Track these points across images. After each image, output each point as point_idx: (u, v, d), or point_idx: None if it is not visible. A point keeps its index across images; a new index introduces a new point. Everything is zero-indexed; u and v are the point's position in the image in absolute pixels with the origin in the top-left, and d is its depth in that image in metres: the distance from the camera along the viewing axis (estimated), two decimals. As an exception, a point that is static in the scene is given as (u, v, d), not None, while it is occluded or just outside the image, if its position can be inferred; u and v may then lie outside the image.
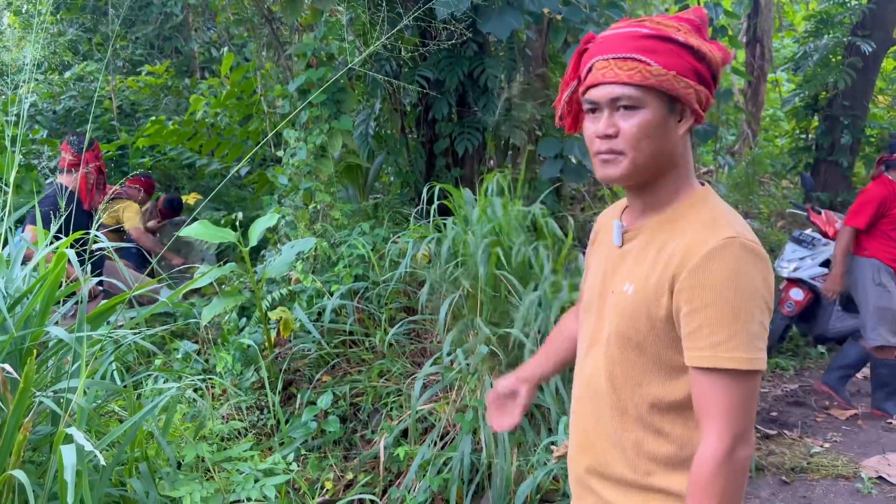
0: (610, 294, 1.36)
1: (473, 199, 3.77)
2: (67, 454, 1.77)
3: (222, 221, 5.69)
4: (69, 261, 2.26)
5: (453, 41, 4.00)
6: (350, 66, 3.31)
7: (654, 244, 1.29)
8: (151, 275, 4.81)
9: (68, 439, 1.88)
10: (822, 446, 3.81)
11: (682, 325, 1.22)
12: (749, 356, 1.18)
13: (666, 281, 1.23)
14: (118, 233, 5.31)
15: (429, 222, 4.00)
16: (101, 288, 4.13)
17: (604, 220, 1.53)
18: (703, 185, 1.35)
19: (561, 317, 1.86)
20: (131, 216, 5.35)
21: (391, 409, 3.42)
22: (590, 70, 1.29)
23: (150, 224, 5.94)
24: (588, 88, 1.29)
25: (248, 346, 3.59)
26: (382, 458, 3.09)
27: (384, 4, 3.59)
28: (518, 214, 3.48)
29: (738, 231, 1.21)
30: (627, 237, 1.36)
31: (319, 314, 3.81)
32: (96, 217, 2.83)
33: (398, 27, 3.05)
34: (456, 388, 3.18)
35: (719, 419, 1.19)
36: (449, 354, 3.18)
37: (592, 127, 1.29)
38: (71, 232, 2.57)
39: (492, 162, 6.30)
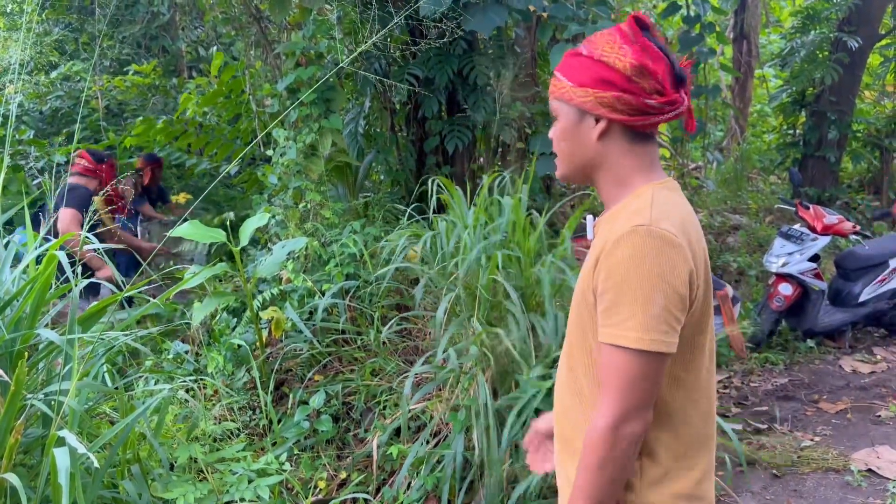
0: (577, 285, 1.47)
1: (463, 197, 3.77)
2: (61, 457, 1.76)
3: (215, 220, 5.67)
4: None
5: (444, 39, 4.00)
6: (340, 65, 3.31)
7: (602, 237, 1.37)
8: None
9: (60, 442, 1.87)
10: (812, 440, 3.84)
11: (598, 305, 1.32)
12: (644, 336, 1.24)
13: (593, 267, 1.33)
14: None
15: (420, 220, 4.01)
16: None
17: None
18: (664, 179, 1.42)
19: None
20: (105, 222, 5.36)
21: (384, 407, 3.42)
22: None
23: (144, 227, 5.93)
24: None
25: (240, 346, 3.59)
26: (376, 457, 3.09)
27: (374, 3, 3.58)
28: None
29: (651, 219, 1.27)
30: (595, 231, 1.47)
31: (311, 313, 3.80)
32: (86, 219, 2.81)
33: (389, 26, 3.04)
34: (448, 386, 3.19)
35: (612, 392, 1.27)
36: (444, 352, 3.18)
37: None
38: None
39: (482, 160, 6.30)
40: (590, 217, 1.52)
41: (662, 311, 1.24)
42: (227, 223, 3.63)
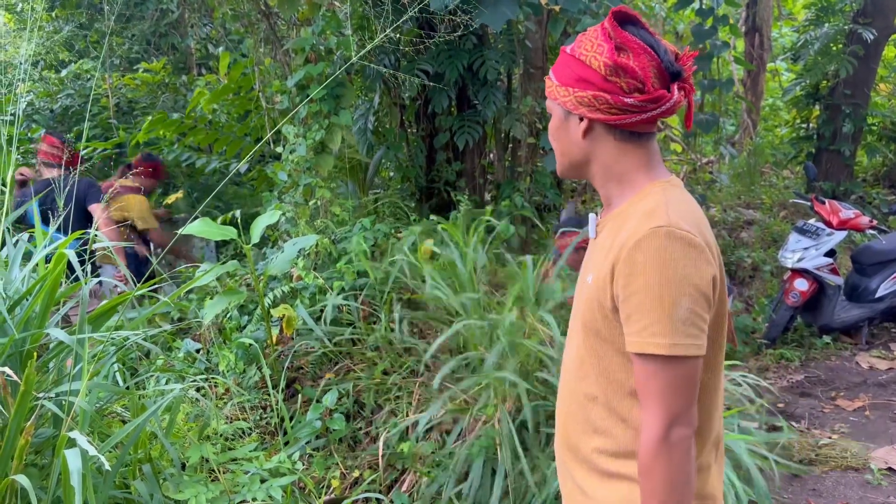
0: (581, 284, 1.44)
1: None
2: (72, 459, 1.74)
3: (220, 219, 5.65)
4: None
5: (457, 33, 3.95)
6: (352, 60, 3.27)
7: (609, 236, 1.35)
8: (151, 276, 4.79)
9: (71, 443, 1.85)
10: (830, 438, 3.79)
11: (620, 312, 1.28)
12: (671, 341, 1.21)
13: (609, 270, 1.28)
14: (128, 228, 5.23)
15: (430, 219, 3.98)
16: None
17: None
18: (669, 177, 1.38)
19: None
20: (144, 214, 5.20)
21: (396, 404, 3.39)
22: None
23: (158, 211, 5.83)
24: None
25: (250, 344, 3.56)
26: (381, 452, 3.06)
27: (392, 1, 3.54)
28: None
29: (669, 221, 1.24)
30: (598, 229, 1.44)
31: (322, 310, 3.78)
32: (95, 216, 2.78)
33: (402, 19, 3.00)
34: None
35: (653, 402, 1.25)
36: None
37: None
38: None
39: (492, 155, 6.26)
40: (592, 215, 1.48)
41: (690, 314, 1.22)
42: (238, 221, 3.61)
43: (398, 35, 4.32)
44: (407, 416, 3.28)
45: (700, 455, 1.37)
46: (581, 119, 1.35)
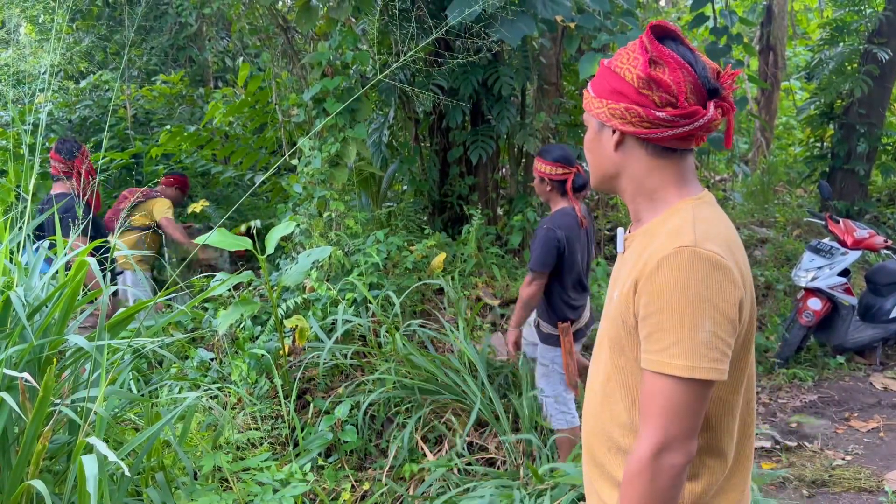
0: (609, 300, 1.42)
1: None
2: (89, 464, 1.75)
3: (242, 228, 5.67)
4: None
5: (477, 56, 3.97)
6: (378, 79, 3.31)
7: (636, 252, 1.33)
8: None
9: (88, 448, 1.86)
10: (843, 459, 3.75)
11: (639, 329, 1.26)
12: (691, 364, 1.18)
13: (632, 287, 1.27)
14: (154, 232, 5.30)
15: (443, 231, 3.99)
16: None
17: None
18: (701, 193, 1.36)
19: None
20: (161, 208, 5.25)
21: (407, 417, 3.39)
22: None
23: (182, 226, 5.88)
24: None
25: (263, 354, 3.58)
26: (391, 467, 3.06)
27: (413, 19, 3.58)
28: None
29: (695, 240, 1.22)
30: (626, 245, 1.42)
31: (334, 322, 3.79)
32: (119, 223, 2.82)
33: (427, 41, 3.04)
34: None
35: (654, 421, 1.22)
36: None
37: None
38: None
39: (505, 170, 6.29)
40: (620, 230, 1.47)
41: (712, 336, 1.19)
42: (254, 231, 3.64)
43: (412, 48, 4.37)
44: (417, 430, 3.28)
45: (729, 479, 1.34)
46: (613, 131, 1.34)
